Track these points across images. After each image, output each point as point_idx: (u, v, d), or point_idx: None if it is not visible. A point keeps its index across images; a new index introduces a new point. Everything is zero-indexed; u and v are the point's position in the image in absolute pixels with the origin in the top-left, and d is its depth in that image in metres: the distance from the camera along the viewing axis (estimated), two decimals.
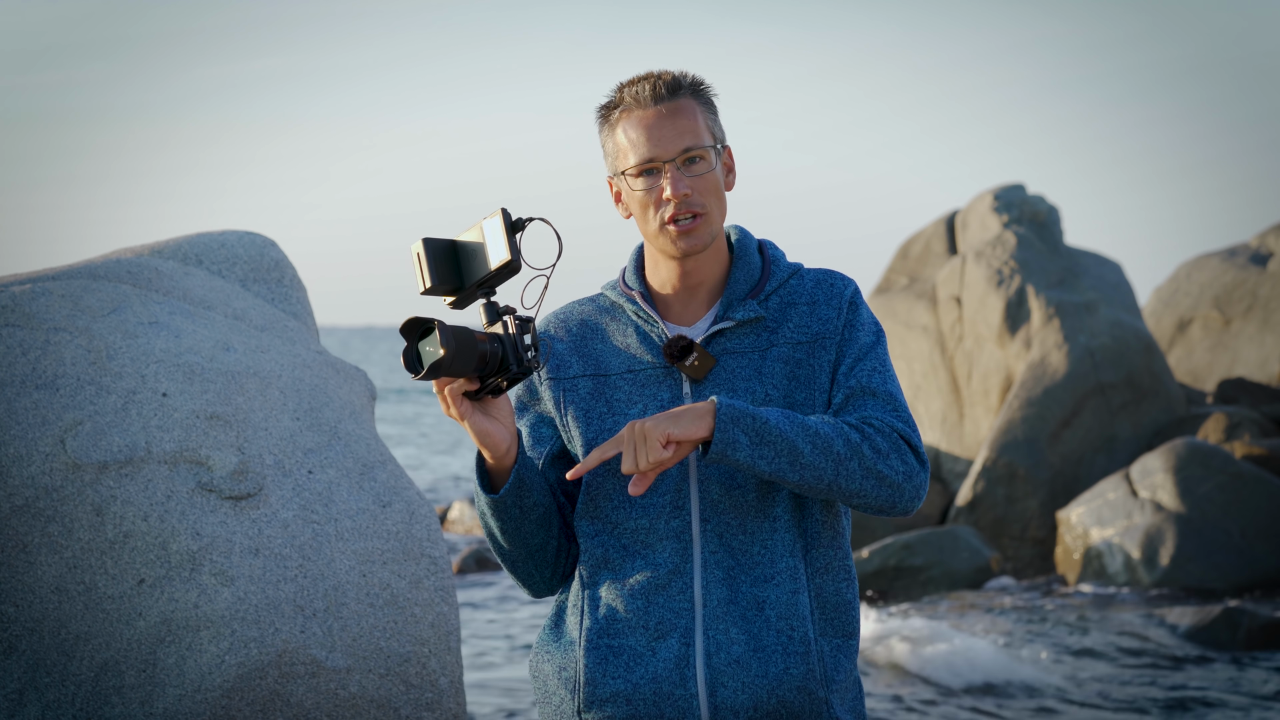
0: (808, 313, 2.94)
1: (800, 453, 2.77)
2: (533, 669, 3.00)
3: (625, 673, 2.87)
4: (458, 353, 2.69)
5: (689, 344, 2.90)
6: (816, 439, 2.78)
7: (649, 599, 2.88)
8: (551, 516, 2.92)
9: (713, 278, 2.96)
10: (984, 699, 9.97)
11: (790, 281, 2.98)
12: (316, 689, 4.23)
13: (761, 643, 2.85)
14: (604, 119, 2.94)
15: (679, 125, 2.88)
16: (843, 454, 2.80)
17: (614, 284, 3.02)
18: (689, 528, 2.88)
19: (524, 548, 2.91)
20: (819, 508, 2.92)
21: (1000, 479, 14.72)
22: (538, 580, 2.97)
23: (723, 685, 2.84)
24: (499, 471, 2.86)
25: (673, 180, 2.87)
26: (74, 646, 4.11)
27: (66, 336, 4.39)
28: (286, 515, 4.32)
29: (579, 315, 3.02)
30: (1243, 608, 11.09)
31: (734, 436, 2.74)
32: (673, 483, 2.89)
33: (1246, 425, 14.85)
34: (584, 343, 2.98)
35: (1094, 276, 16.16)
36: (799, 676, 2.85)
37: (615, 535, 2.91)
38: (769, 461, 2.76)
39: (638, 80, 2.91)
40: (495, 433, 2.80)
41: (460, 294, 2.79)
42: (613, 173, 2.95)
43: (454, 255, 2.79)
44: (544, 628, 3.00)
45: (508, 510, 2.86)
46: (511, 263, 2.74)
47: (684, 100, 2.89)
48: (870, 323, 2.96)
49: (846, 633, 2.92)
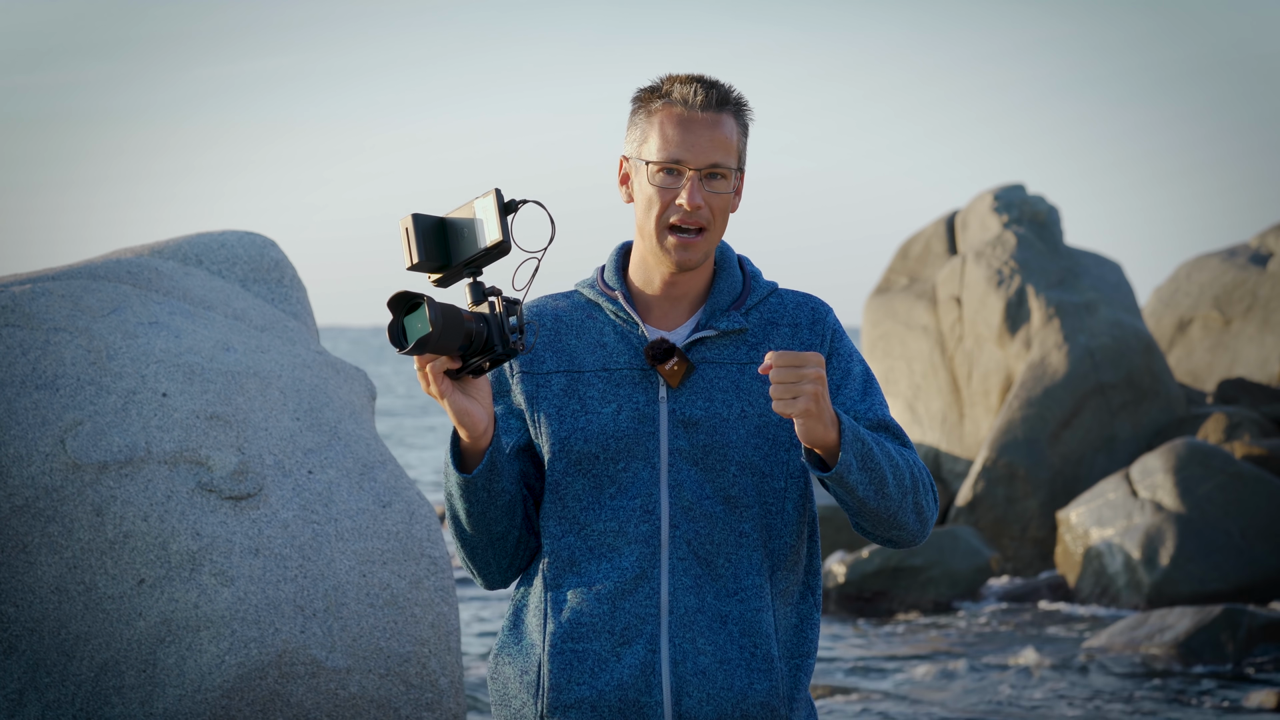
0: (790, 335, 2.94)
1: (886, 482, 2.80)
2: (492, 671, 2.97)
3: (590, 679, 2.86)
4: (444, 330, 2.68)
5: (671, 348, 2.89)
6: (896, 470, 2.82)
7: (614, 604, 2.86)
8: (516, 506, 2.90)
9: (696, 287, 2.95)
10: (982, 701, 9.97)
11: (770, 299, 2.98)
12: (316, 689, 4.23)
13: (727, 655, 2.85)
14: (643, 102, 2.93)
15: (716, 138, 2.88)
16: (909, 487, 2.84)
17: (590, 282, 3.01)
18: (658, 533, 2.87)
19: (486, 534, 2.89)
20: (790, 533, 2.91)
21: (1000, 479, 14.72)
22: (494, 570, 2.94)
23: (688, 695, 2.84)
24: (473, 453, 2.84)
25: (691, 190, 2.87)
26: (74, 646, 4.11)
27: (66, 336, 4.39)
28: (286, 515, 4.32)
29: (553, 310, 2.99)
30: (1243, 608, 11.09)
31: (849, 459, 2.75)
32: (644, 486, 2.88)
33: (1246, 425, 14.85)
34: (558, 338, 2.96)
35: (1094, 277, 16.16)
36: (763, 693, 2.86)
37: (582, 537, 2.89)
38: (864, 488, 2.79)
39: (690, 80, 2.90)
40: (474, 412, 2.78)
41: (447, 272, 2.78)
42: (631, 155, 2.93)
43: (443, 232, 2.78)
44: (503, 629, 2.97)
45: (476, 493, 2.84)
46: (503, 243, 2.72)
47: (726, 115, 2.90)
48: (855, 353, 2.98)
49: (805, 653, 2.93)
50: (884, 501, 2.81)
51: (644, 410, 2.89)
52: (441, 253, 2.77)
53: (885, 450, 2.81)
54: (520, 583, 2.99)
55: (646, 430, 2.88)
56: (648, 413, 2.88)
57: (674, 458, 2.87)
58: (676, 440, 2.87)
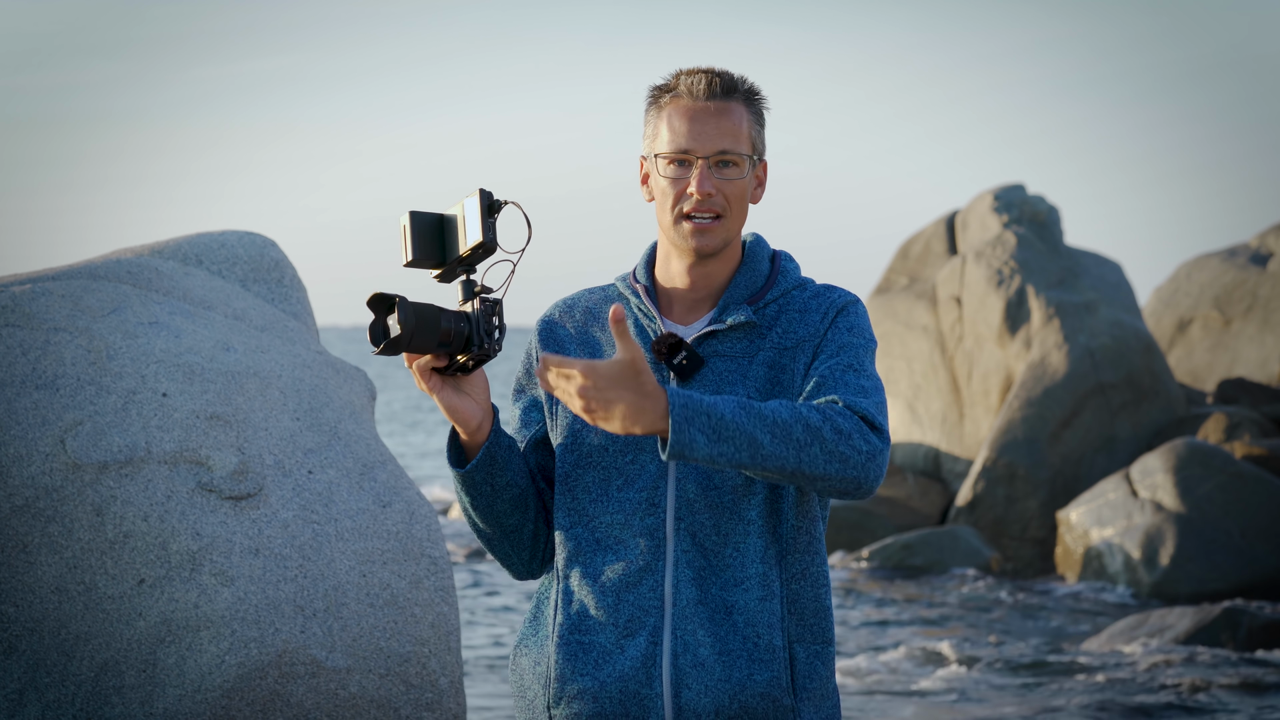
0: (797, 319, 2.94)
1: (760, 444, 2.70)
2: (512, 662, 3.01)
3: (594, 670, 2.88)
4: (416, 329, 2.72)
5: (678, 342, 2.90)
6: (775, 427, 2.72)
7: (619, 596, 2.88)
8: (528, 499, 2.91)
9: (719, 281, 2.96)
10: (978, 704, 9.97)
11: (793, 292, 2.98)
12: (316, 689, 4.23)
13: (728, 646, 2.86)
14: (654, 100, 2.95)
15: (722, 125, 2.89)
16: (803, 439, 2.73)
17: (626, 276, 3.03)
18: (663, 525, 2.88)
19: (498, 527, 2.91)
20: (794, 513, 2.91)
21: (1000, 479, 14.72)
22: (515, 562, 2.97)
23: (687, 687, 2.85)
24: (471, 447, 2.86)
25: (700, 177, 2.88)
26: (74, 646, 4.11)
27: (66, 336, 4.39)
28: (286, 515, 4.32)
29: (584, 303, 3.03)
30: (1243, 608, 11.09)
31: (690, 437, 2.67)
32: (650, 479, 2.89)
33: (1246, 425, 14.86)
34: (586, 331, 2.99)
35: (1094, 276, 16.16)
36: (763, 683, 2.86)
37: (589, 529, 2.91)
38: (729, 457, 2.70)
39: (696, 72, 2.92)
40: (464, 408, 2.80)
41: (444, 268, 2.82)
42: (647, 153, 2.96)
43: (439, 230, 2.81)
44: (525, 621, 3.01)
45: (478, 487, 2.86)
46: (485, 243, 2.76)
47: (734, 103, 2.91)
48: (858, 329, 2.92)
49: (823, 640, 2.92)
50: (769, 460, 2.70)
51: None
52: (437, 250, 2.81)
53: (757, 412, 2.71)
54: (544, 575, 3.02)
55: None
56: None
57: None
58: None
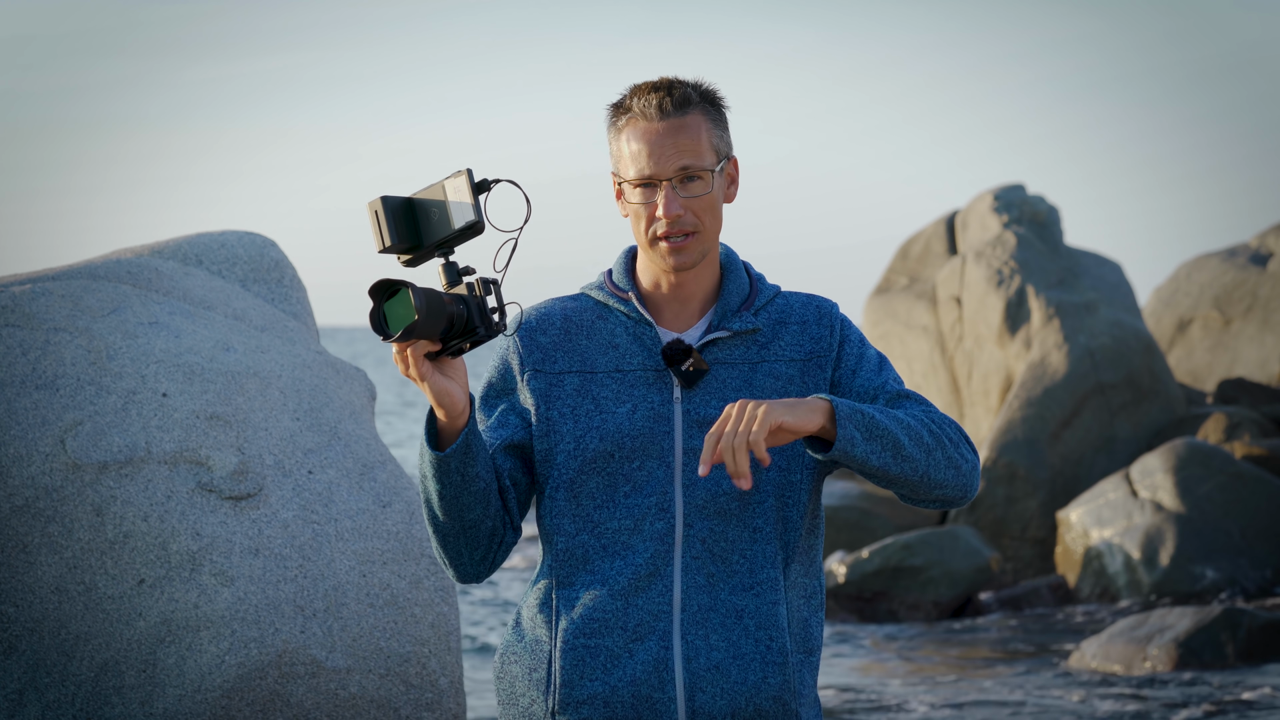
0: (799, 331, 2.96)
1: (901, 445, 2.80)
2: (498, 671, 2.97)
3: (603, 674, 2.87)
4: (428, 315, 2.69)
5: (688, 348, 2.91)
6: (910, 431, 2.82)
7: (628, 600, 2.88)
8: (491, 495, 2.89)
9: (704, 288, 2.97)
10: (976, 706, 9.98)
11: (776, 300, 3.00)
12: (316, 689, 4.23)
13: (740, 650, 2.87)
14: (611, 120, 2.94)
15: (680, 144, 2.88)
16: (930, 445, 2.83)
17: (598, 284, 3.02)
18: (672, 530, 2.89)
19: (459, 521, 2.88)
20: (804, 525, 2.93)
21: (1000, 479, 14.72)
22: (465, 561, 2.93)
23: (701, 690, 2.85)
24: (449, 433, 2.84)
25: (666, 200, 2.88)
26: (74, 646, 4.11)
27: (66, 336, 4.39)
28: (286, 515, 4.32)
29: (561, 311, 3.01)
30: (1243, 608, 11.08)
31: (851, 434, 2.77)
32: (659, 485, 2.89)
33: (1246, 425, 14.85)
34: (569, 338, 2.98)
35: (1094, 277, 16.16)
36: (775, 686, 2.88)
37: (596, 535, 2.91)
38: (878, 456, 2.79)
39: (648, 90, 2.90)
40: (454, 392, 2.79)
41: (418, 253, 2.77)
42: (614, 172, 2.95)
43: (412, 213, 2.77)
44: (509, 629, 2.99)
45: (450, 474, 2.84)
46: (477, 224, 2.72)
47: (691, 116, 2.89)
48: (866, 340, 3.00)
49: (809, 649, 2.95)
50: (906, 464, 2.81)
51: (659, 410, 2.91)
52: (412, 234, 2.76)
53: (893, 416, 2.83)
54: (529, 584, 3.00)
55: (662, 430, 2.90)
56: (663, 412, 2.91)
57: (689, 457, 2.89)
58: (692, 440, 2.90)
